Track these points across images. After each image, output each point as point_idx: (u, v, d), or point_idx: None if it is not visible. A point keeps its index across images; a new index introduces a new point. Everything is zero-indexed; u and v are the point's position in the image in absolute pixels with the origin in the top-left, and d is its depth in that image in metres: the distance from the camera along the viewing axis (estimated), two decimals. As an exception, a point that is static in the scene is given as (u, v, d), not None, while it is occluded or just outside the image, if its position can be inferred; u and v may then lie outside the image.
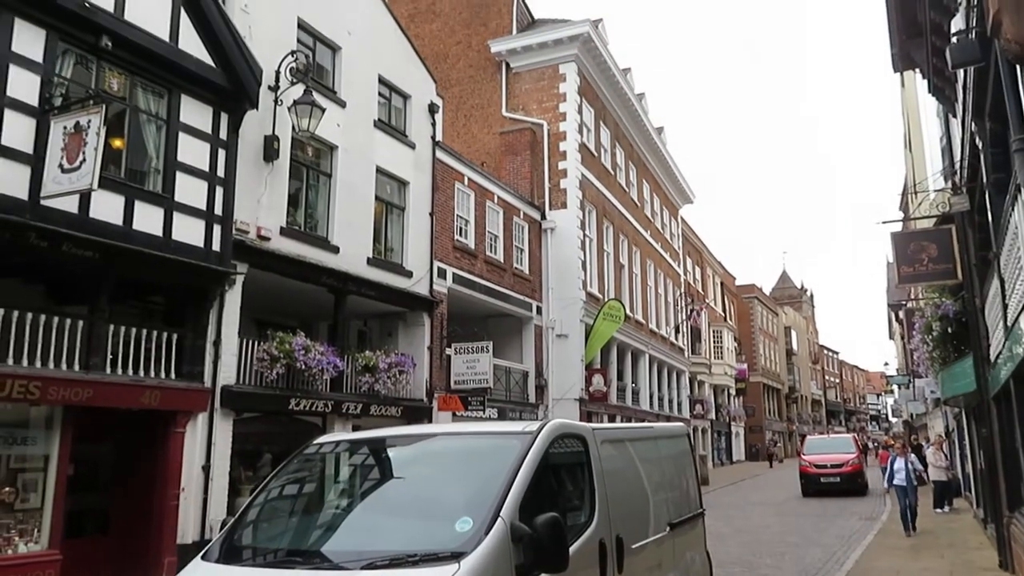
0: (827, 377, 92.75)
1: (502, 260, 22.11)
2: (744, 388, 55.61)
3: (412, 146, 18.09)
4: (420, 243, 18.03)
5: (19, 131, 9.66)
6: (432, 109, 19.01)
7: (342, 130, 15.62)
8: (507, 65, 26.95)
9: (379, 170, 16.84)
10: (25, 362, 9.61)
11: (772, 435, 62.57)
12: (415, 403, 17.09)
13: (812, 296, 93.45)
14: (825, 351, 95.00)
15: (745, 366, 55.73)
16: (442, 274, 18.86)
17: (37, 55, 9.98)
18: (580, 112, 26.82)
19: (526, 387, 23.08)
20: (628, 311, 29.09)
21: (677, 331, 39.28)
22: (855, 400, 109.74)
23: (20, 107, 9.69)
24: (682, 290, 41.45)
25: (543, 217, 25.01)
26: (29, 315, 9.74)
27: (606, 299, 26.87)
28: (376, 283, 16.14)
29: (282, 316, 16.39)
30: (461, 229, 20.22)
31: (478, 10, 28.06)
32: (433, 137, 18.99)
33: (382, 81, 17.34)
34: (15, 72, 9.66)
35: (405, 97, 18.25)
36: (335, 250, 15.11)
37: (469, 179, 20.78)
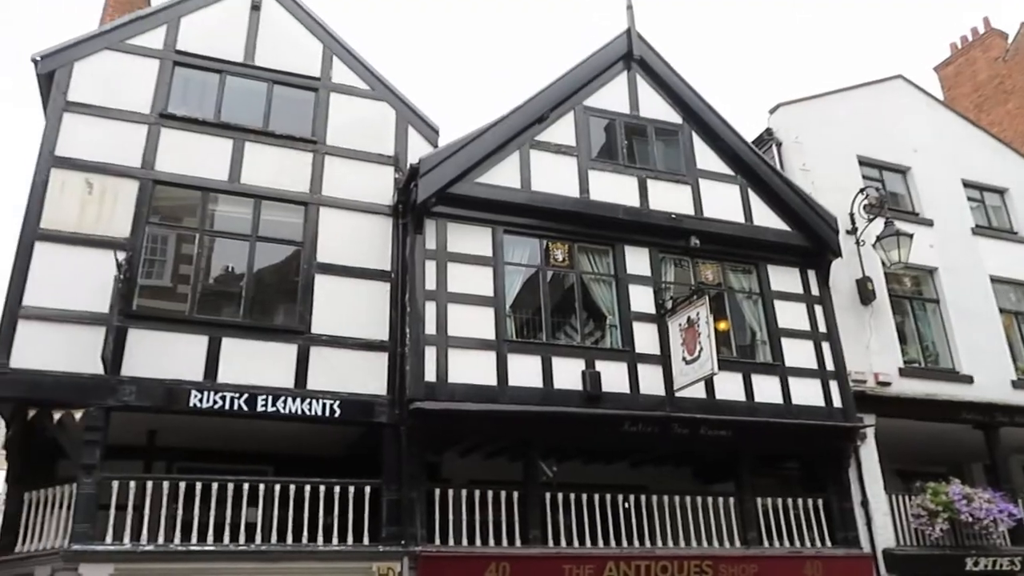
0: None
1: None
2: None
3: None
4: (1075, 349, 14.84)
5: (646, 338, 11.25)
6: (1041, 192, 16.25)
7: (936, 250, 14.32)
8: (1124, 110, 21.91)
9: (994, 279, 14.75)
10: (694, 543, 10.45)
11: None
12: None
13: None
14: None
15: None
16: (1120, 380, 15.02)
17: (645, 270, 11.71)
18: None
19: None
20: None
21: None
22: None
23: (643, 317, 11.35)
24: None
25: None
26: (688, 498, 10.70)
27: None
28: (1031, 408, 13.61)
29: (924, 463, 14.81)
30: None
31: (1060, 66, 23.91)
32: (1051, 222, 16.07)
33: (967, 184, 15.63)
34: (634, 290, 11.45)
35: (1000, 191, 16.05)
36: (967, 380, 13.38)
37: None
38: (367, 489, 9.57)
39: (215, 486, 8.94)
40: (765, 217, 12.68)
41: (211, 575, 8.69)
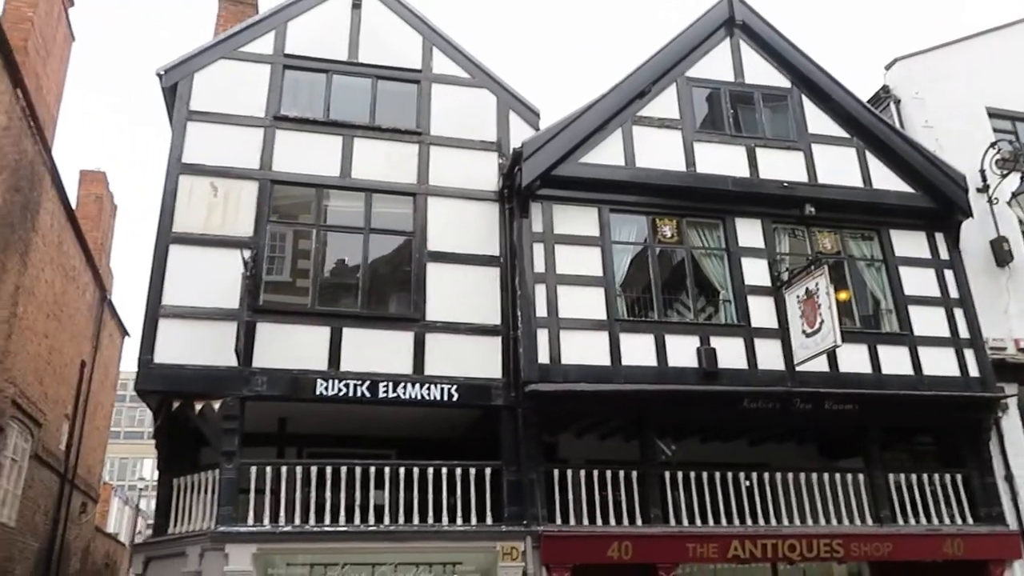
0: None
1: None
2: None
3: None
4: None
5: (762, 312, 10.93)
6: None
7: (1081, 203, 13.20)
8: None
9: None
10: (822, 520, 10.12)
11: None
12: None
13: None
14: None
15: None
16: None
17: (758, 242, 11.35)
18: None
19: None
20: None
21: None
22: None
23: (758, 291, 11.02)
24: None
25: None
26: (814, 475, 10.37)
27: None
28: None
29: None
30: None
31: None
32: None
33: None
34: (747, 263, 11.13)
35: None
36: (1121, 343, 12.31)
37: None
38: (487, 471, 9.75)
39: (343, 470, 9.34)
40: (885, 179, 12.05)
41: (346, 554, 9.10)
